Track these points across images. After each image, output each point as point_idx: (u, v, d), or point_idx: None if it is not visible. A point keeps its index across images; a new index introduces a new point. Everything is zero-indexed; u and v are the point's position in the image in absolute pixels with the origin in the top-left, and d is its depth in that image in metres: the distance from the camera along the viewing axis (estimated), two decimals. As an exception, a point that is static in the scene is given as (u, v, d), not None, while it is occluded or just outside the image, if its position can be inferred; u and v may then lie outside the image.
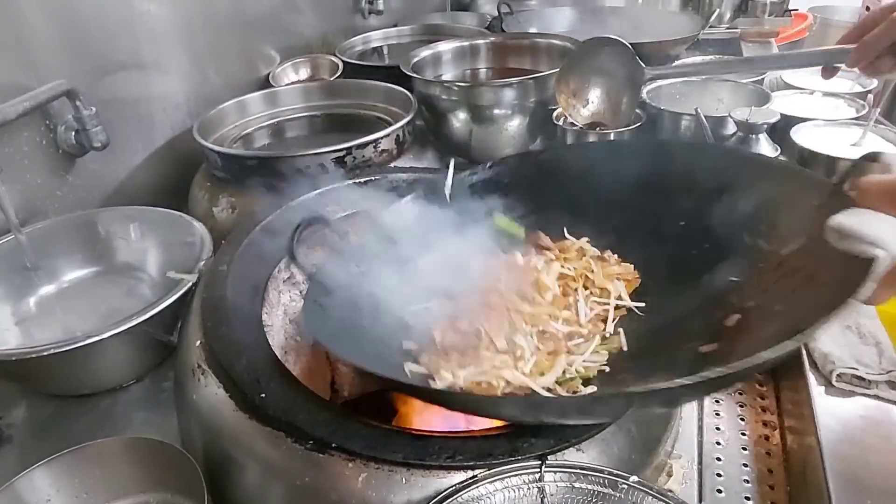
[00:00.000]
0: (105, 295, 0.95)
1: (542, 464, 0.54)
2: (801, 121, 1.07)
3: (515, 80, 1.13)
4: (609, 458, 0.58)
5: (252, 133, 1.24)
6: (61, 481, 0.62)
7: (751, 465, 0.71)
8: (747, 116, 0.99)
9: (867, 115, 1.06)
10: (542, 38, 1.37)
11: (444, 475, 0.54)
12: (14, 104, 0.86)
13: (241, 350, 0.65)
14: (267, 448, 0.58)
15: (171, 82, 1.21)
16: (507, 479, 0.54)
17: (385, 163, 1.05)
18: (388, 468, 0.54)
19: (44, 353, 0.71)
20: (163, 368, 0.86)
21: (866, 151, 0.55)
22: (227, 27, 1.34)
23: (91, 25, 1.03)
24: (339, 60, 1.47)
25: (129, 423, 0.79)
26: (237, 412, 0.60)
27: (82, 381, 0.81)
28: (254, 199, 1.00)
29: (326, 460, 0.55)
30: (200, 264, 0.84)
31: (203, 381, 0.65)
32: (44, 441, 0.78)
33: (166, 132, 1.21)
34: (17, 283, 0.92)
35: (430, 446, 0.55)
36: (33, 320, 0.91)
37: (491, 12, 2.00)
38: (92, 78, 1.04)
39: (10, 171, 0.91)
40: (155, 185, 1.17)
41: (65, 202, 1.02)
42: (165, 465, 0.62)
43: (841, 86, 1.28)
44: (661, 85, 1.22)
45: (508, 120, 1.16)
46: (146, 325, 0.75)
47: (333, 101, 1.29)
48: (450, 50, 1.37)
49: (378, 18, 1.87)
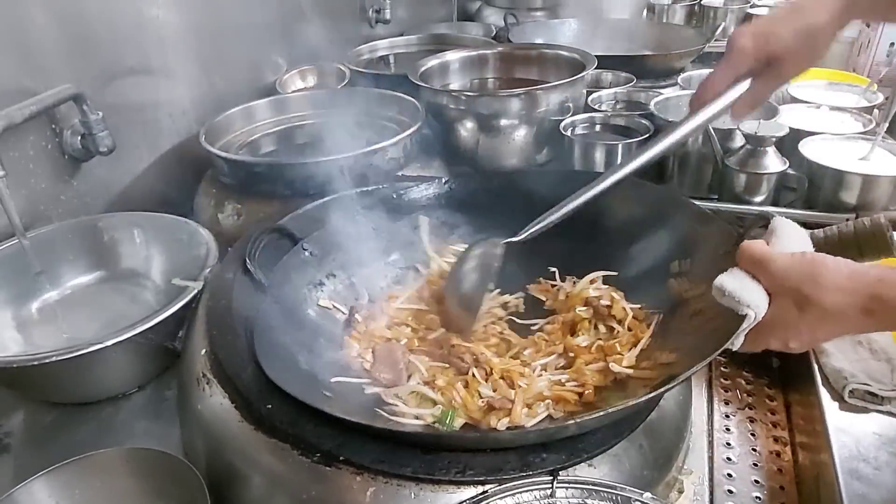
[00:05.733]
0: (108, 301, 0.94)
1: (554, 479, 0.53)
2: (808, 134, 1.06)
3: (522, 91, 1.13)
4: (621, 474, 0.57)
5: (258, 140, 1.24)
6: (61, 493, 0.61)
7: (762, 481, 0.70)
8: (756, 130, 0.99)
9: (874, 130, 1.05)
10: (549, 49, 1.38)
11: (454, 490, 0.53)
12: (20, 108, 0.85)
13: (247, 359, 0.64)
14: (272, 460, 0.57)
15: (177, 88, 1.21)
16: (518, 495, 0.53)
17: (392, 171, 1.05)
18: (397, 482, 0.53)
19: (45, 360, 0.70)
20: (166, 377, 0.85)
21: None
22: (235, 34, 1.34)
23: (99, 30, 1.03)
24: (345, 68, 1.47)
25: (130, 432, 0.78)
26: (242, 423, 0.59)
27: (84, 390, 0.80)
28: (260, 206, 1.00)
29: (334, 473, 0.54)
30: (206, 271, 0.83)
31: (208, 391, 0.64)
32: (43, 451, 0.77)
33: (173, 138, 1.21)
34: (20, 288, 0.91)
35: (440, 460, 0.54)
36: (35, 326, 0.90)
37: (497, 23, 2.01)
38: (99, 83, 1.04)
39: (16, 175, 0.91)
40: (160, 190, 1.17)
41: (69, 207, 1.01)
42: (168, 477, 0.61)
43: (847, 100, 1.28)
44: (668, 97, 1.22)
45: (515, 130, 1.16)
46: (150, 333, 0.74)
47: (340, 109, 1.29)
48: (457, 59, 1.37)
49: (385, 27, 1.87)
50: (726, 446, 0.74)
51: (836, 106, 1.21)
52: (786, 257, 0.56)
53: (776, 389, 0.82)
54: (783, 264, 0.55)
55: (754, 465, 0.72)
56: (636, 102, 1.31)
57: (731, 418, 0.78)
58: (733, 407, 0.79)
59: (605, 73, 1.44)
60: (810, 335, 0.55)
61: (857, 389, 0.69)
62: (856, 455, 0.63)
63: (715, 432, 0.75)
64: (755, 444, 0.74)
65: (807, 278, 0.54)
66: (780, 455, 0.73)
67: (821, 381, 0.72)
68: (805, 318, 0.54)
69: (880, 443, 0.64)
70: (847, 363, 0.73)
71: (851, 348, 0.75)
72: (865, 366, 0.73)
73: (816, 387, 0.71)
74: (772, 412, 0.79)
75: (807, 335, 0.55)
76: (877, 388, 0.69)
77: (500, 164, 1.19)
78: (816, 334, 0.55)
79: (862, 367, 0.72)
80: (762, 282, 0.57)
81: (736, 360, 0.86)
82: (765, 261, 0.56)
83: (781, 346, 0.57)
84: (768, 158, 1.00)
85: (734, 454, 0.73)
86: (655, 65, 1.51)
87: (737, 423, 0.77)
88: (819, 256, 0.55)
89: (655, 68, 1.51)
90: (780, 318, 0.56)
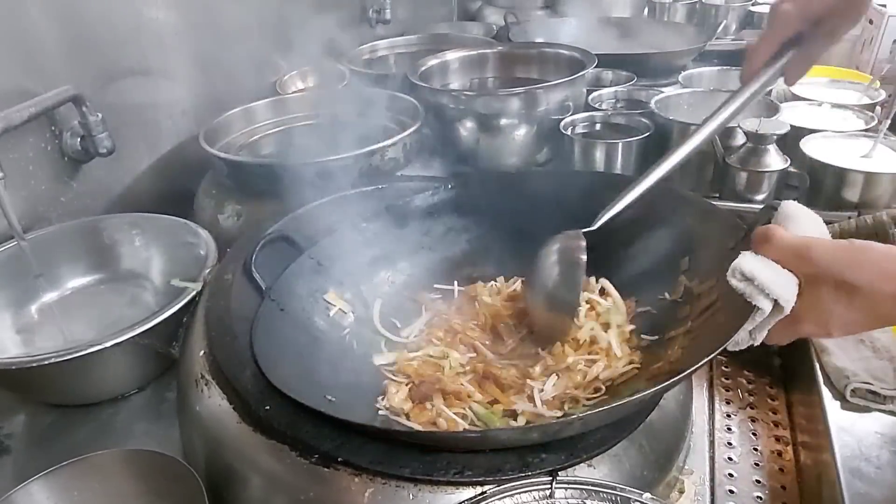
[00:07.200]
0: (108, 303, 0.94)
1: (553, 480, 0.53)
2: (810, 132, 1.06)
3: (522, 90, 1.13)
4: (621, 475, 0.57)
5: (258, 140, 1.23)
6: (60, 494, 0.61)
7: (764, 481, 0.69)
8: (757, 127, 0.98)
9: (877, 127, 1.05)
10: (549, 47, 1.37)
11: (453, 491, 0.53)
12: (19, 109, 0.85)
13: (245, 361, 0.64)
14: (271, 461, 0.56)
15: (177, 89, 1.21)
16: (516, 496, 0.52)
17: (392, 171, 1.04)
18: (395, 483, 0.53)
19: (44, 362, 0.70)
20: (165, 378, 0.85)
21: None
22: (235, 35, 1.34)
23: (98, 31, 1.03)
24: (345, 69, 1.47)
25: (129, 434, 0.78)
26: (241, 424, 0.59)
27: (83, 391, 0.80)
28: (260, 208, 1.00)
29: (332, 475, 0.54)
30: (205, 272, 0.83)
31: (206, 392, 0.64)
32: (43, 452, 0.77)
33: (172, 139, 1.21)
34: (19, 290, 0.91)
35: (439, 461, 0.54)
36: (35, 328, 0.90)
37: (497, 22, 2.01)
38: (98, 84, 1.04)
39: (15, 177, 0.91)
40: (160, 192, 1.17)
41: (69, 209, 1.01)
42: (167, 479, 0.61)
43: (849, 97, 1.28)
44: (669, 95, 1.22)
45: (515, 129, 1.15)
46: (149, 334, 0.74)
47: (340, 110, 1.29)
48: (457, 59, 1.37)
49: (385, 27, 1.87)
50: (728, 446, 0.73)
51: (838, 103, 1.20)
52: (827, 243, 0.53)
53: (778, 389, 0.82)
54: (826, 250, 0.52)
55: (756, 464, 0.71)
56: (637, 101, 1.31)
57: (732, 418, 0.77)
58: (735, 406, 0.79)
59: (605, 72, 1.44)
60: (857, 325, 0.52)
61: (859, 388, 0.69)
62: (858, 454, 0.63)
63: (716, 432, 0.75)
64: (756, 443, 0.74)
65: (854, 265, 0.50)
66: (782, 454, 0.72)
67: (822, 380, 0.71)
68: (853, 308, 0.51)
69: (882, 442, 0.64)
70: (849, 362, 0.72)
71: (853, 347, 0.75)
72: (867, 364, 0.72)
73: (818, 386, 0.71)
74: (773, 411, 0.79)
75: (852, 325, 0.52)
76: (879, 386, 0.69)
77: (500, 163, 1.19)
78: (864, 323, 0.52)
79: (864, 366, 0.72)
80: (798, 269, 0.53)
81: (737, 360, 0.85)
82: (805, 248, 0.52)
83: (822, 334, 0.54)
84: (770, 156, 0.99)
85: (735, 454, 0.72)
86: (656, 63, 1.51)
87: (738, 423, 0.77)
88: (866, 243, 0.52)
89: (656, 67, 1.50)
90: (823, 308, 0.52)
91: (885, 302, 0.50)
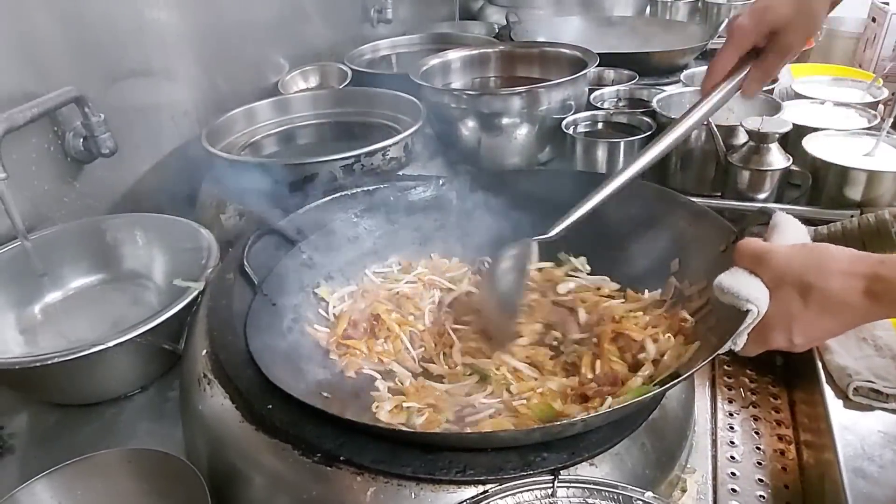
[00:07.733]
0: (111, 303, 0.94)
1: (555, 479, 0.53)
2: (812, 130, 1.06)
3: (524, 89, 1.13)
4: (622, 474, 0.57)
5: (260, 140, 1.24)
6: (63, 493, 0.61)
7: (766, 480, 0.69)
8: (759, 126, 0.98)
9: (879, 126, 1.04)
10: (551, 46, 1.37)
11: (455, 490, 0.53)
12: (22, 110, 0.85)
13: (247, 360, 0.64)
14: (273, 461, 0.57)
15: (179, 90, 1.21)
16: (518, 495, 0.52)
17: (394, 170, 1.05)
18: (398, 482, 0.53)
19: (47, 361, 0.70)
20: (168, 378, 0.85)
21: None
22: (236, 35, 1.34)
23: (100, 33, 1.04)
24: (347, 68, 1.47)
25: (132, 433, 0.78)
26: (243, 423, 0.59)
27: (86, 391, 0.80)
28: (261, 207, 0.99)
29: (334, 474, 0.54)
30: (207, 272, 0.83)
31: (209, 392, 0.64)
32: (46, 451, 0.77)
33: (174, 139, 1.21)
34: (23, 290, 0.91)
35: (441, 460, 0.54)
36: (38, 328, 0.90)
37: (499, 21, 2.01)
38: (101, 85, 1.04)
39: (18, 178, 0.91)
40: (162, 192, 1.17)
41: (72, 209, 1.02)
42: (169, 478, 0.61)
43: (851, 96, 1.27)
44: (671, 94, 1.21)
45: (517, 128, 1.15)
46: (152, 333, 0.75)
47: (342, 109, 1.29)
48: (459, 58, 1.37)
49: (387, 27, 1.87)
50: (730, 445, 0.73)
51: (841, 101, 1.20)
52: (786, 248, 0.56)
53: (780, 388, 0.81)
54: (784, 255, 0.56)
55: (758, 463, 0.71)
56: (639, 100, 1.31)
57: (734, 417, 0.77)
58: (737, 405, 0.79)
59: (607, 71, 1.44)
60: (815, 328, 0.55)
61: (861, 387, 0.69)
62: (861, 453, 0.62)
63: (718, 431, 0.75)
64: (759, 442, 0.74)
65: (810, 266, 0.54)
66: (785, 453, 0.72)
67: (825, 378, 0.71)
68: (809, 308, 0.54)
69: (885, 441, 0.64)
70: (851, 360, 0.72)
71: (856, 345, 0.75)
72: (870, 363, 0.72)
73: (821, 385, 0.70)
74: (776, 410, 0.78)
75: (811, 328, 0.55)
76: (881, 385, 0.68)
77: (501, 162, 1.19)
78: (822, 326, 0.55)
79: (866, 365, 0.71)
80: (763, 276, 0.56)
81: (739, 359, 0.85)
82: (765, 254, 0.56)
83: (786, 344, 0.56)
84: (772, 155, 0.99)
85: (738, 453, 0.72)
86: (658, 62, 1.51)
87: (741, 422, 0.76)
88: (820, 245, 0.55)
89: (658, 65, 1.50)
90: (784, 311, 0.55)
91: (839, 301, 0.53)
